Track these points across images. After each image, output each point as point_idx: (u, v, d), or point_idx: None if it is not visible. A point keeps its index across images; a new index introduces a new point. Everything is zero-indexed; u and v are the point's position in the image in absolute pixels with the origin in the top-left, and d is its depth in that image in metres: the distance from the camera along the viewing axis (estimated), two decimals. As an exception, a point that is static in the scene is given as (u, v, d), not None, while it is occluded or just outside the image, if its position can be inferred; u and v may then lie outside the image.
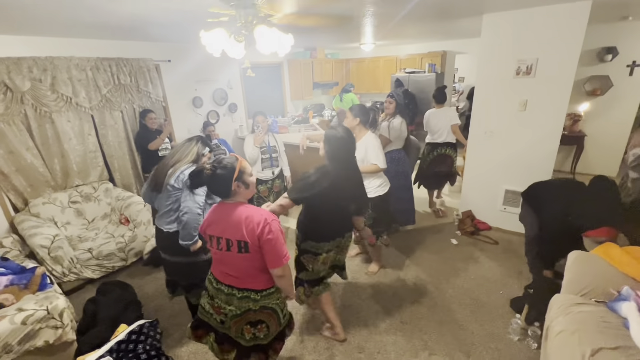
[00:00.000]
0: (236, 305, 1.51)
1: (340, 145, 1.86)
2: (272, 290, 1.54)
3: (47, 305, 1.85)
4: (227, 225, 1.42)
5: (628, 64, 4.36)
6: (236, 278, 1.50)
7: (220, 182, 1.41)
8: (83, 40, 3.34)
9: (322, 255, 1.95)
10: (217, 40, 1.62)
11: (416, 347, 2.12)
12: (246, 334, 1.58)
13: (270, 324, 1.58)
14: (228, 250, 1.44)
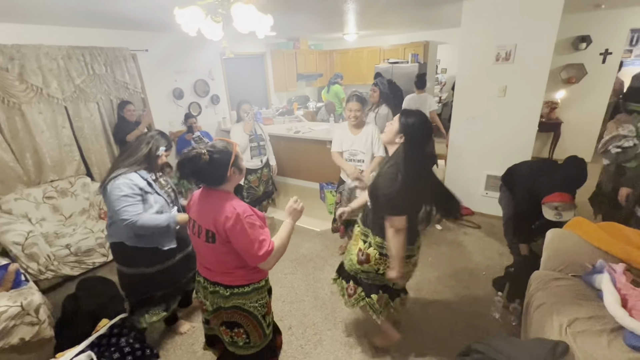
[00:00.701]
0: (210, 300, 1.45)
1: (420, 135, 1.51)
2: (248, 290, 1.39)
3: (22, 301, 1.78)
4: (203, 211, 1.35)
5: (601, 52, 4.51)
6: (208, 270, 1.43)
7: (217, 168, 1.29)
8: (53, 28, 3.18)
9: (414, 257, 1.70)
10: (193, 18, 1.57)
11: (404, 327, 2.15)
12: (224, 336, 1.49)
13: (249, 330, 1.45)
14: (198, 236, 1.37)
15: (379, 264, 1.66)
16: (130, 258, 1.81)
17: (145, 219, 1.64)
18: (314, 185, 4.48)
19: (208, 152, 1.27)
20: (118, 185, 1.62)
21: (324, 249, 3.13)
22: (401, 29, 5.66)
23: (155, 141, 1.77)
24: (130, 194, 1.63)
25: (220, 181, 1.33)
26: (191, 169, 1.27)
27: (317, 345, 2.07)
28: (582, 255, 1.91)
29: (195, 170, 1.27)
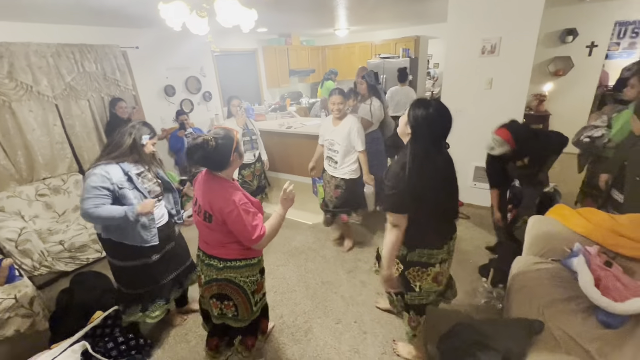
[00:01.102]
0: (205, 272, 1.57)
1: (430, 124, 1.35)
2: (240, 264, 1.52)
3: (15, 294, 1.81)
4: (204, 192, 1.47)
5: (587, 45, 4.59)
6: (206, 244, 1.56)
7: (222, 153, 1.41)
8: (42, 25, 3.19)
9: (434, 268, 1.52)
10: (177, 13, 1.60)
11: (391, 315, 2.21)
12: (214, 309, 1.60)
13: (238, 303, 1.56)
14: (198, 214, 1.52)
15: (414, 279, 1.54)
16: (107, 249, 1.82)
17: (99, 211, 1.58)
18: (307, 180, 4.52)
19: (214, 139, 1.38)
20: (92, 175, 1.61)
21: (315, 241, 3.18)
22: (392, 24, 5.69)
23: (137, 130, 1.75)
24: (99, 187, 1.59)
25: (225, 165, 1.45)
26: (201, 155, 1.37)
27: (307, 332, 2.13)
28: (561, 240, 1.98)
29: (204, 155, 1.37)
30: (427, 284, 1.53)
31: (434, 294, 1.59)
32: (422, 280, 1.52)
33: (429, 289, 1.55)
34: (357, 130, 2.54)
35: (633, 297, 1.46)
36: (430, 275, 1.52)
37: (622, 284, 1.53)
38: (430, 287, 1.54)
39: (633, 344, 1.37)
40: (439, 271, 1.53)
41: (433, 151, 1.40)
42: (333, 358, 1.93)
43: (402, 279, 1.56)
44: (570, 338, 1.45)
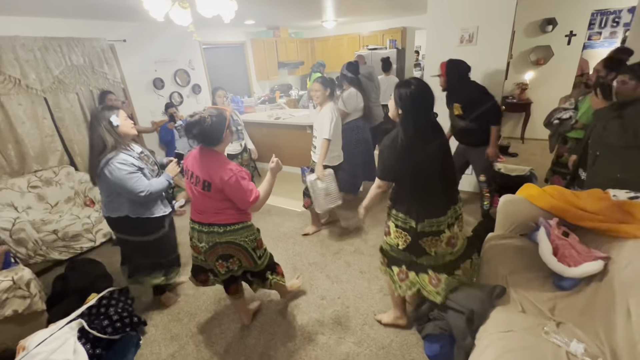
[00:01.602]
0: (205, 240, 1.73)
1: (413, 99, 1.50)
2: (238, 227, 1.73)
3: (13, 276, 1.90)
4: (201, 165, 1.64)
5: (566, 34, 4.73)
6: (201, 214, 1.72)
7: (216, 129, 1.58)
8: (28, 19, 3.21)
9: (445, 234, 1.59)
10: (159, 4, 1.67)
11: (372, 291, 2.35)
12: (220, 269, 1.80)
13: (240, 258, 1.80)
14: (196, 185, 1.67)
15: (398, 238, 1.65)
16: (133, 228, 1.98)
17: (154, 186, 1.88)
18: (296, 170, 4.62)
19: (209, 117, 1.55)
20: (117, 167, 1.74)
21: (303, 227, 3.30)
22: (379, 15, 5.76)
23: (102, 119, 1.76)
24: (132, 170, 1.80)
25: (218, 141, 1.64)
26: (198, 130, 1.55)
27: (294, 308, 2.26)
28: (528, 217, 2.12)
29: (200, 131, 1.55)
30: (441, 249, 1.62)
31: (449, 256, 1.66)
32: (436, 246, 1.61)
33: (443, 253, 1.64)
34: (329, 118, 2.60)
35: (584, 262, 1.60)
36: (443, 241, 1.61)
37: (577, 251, 1.68)
38: (444, 251, 1.63)
39: (581, 302, 1.52)
40: (450, 235, 1.61)
41: (421, 123, 1.53)
42: (317, 330, 2.06)
43: (416, 247, 1.63)
44: (527, 300, 1.60)
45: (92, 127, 1.79)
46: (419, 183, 1.57)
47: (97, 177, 1.83)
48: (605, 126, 2.01)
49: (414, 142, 1.51)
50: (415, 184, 1.57)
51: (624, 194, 1.76)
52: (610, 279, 1.51)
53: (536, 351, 1.30)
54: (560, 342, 1.32)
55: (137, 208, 1.92)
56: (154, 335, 2.13)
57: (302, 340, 2.00)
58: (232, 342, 2.03)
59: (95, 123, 1.77)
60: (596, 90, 2.08)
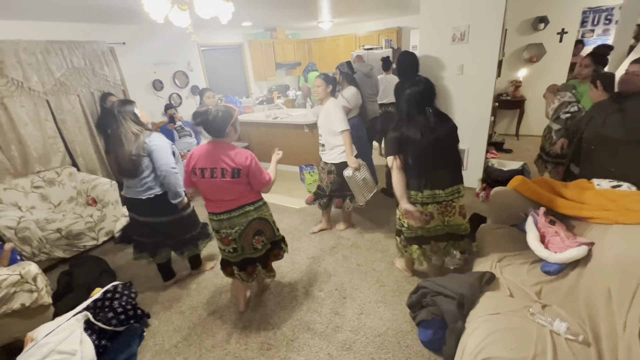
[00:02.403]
0: (238, 223, 1.91)
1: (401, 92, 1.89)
2: (261, 203, 1.99)
3: (20, 270, 1.96)
4: (219, 157, 1.79)
5: (558, 32, 4.81)
6: (231, 201, 1.88)
7: (219, 122, 1.76)
8: (30, 23, 3.29)
9: (416, 207, 1.88)
10: (159, 6, 1.75)
11: (369, 282, 2.42)
12: (258, 245, 2.00)
13: (266, 231, 2.04)
14: (223, 177, 1.80)
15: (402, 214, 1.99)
16: (168, 206, 2.23)
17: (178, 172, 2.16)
18: (294, 169, 4.70)
19: (216, 110, 1.76)
20: (159, 138, 2.12)
21: (302, 223, 3.37)
22: (374, 15, 5.84)
23: (127, 113, 2.05)
24: (168, 144, 2.15)
25: (221, 133, 1.80)
26: (201, 119, 1.75)
27: (292, 300, 2.32)
28: (518, 208, 2.19)
29: (203, 120, 1.75)
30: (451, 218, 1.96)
31: (420, 230, 1.99)
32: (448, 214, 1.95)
33: (412, 226, 1.97)
34: (334, 111, 2.60)
35: (569, 248, 1.67)
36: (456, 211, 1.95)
37: (562, 238, 1.75)
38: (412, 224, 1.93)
39: (566, 286, 1.59)
40: (421, 210, 1.91)
41: (414, 114, 1.86)
42: (315, 319, 2.13)
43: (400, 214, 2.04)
44: (515, 285, 1.67)
45: (119, 122, 2.02)
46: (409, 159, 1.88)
47: (136, 161, 2.06)
48: (606, 119, 2.01)
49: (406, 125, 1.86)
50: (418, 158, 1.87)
51: (607, 183, 1.83)
52: (593, 264, 1.58)
53: (522, 331, 1.37)
54: (544, 322, 1.39)
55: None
56: (157, 327, 2.20)
57: (300, 329, 2.07)
58: (232, 333, 2.09)
59: (121, 118, 2.03)
60: (596, 83, 2.13)
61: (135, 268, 2.86)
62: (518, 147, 5.06)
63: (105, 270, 2.61)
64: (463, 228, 2.01)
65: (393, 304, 2.20)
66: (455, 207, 1.95)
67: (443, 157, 1.89)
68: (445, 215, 1.95)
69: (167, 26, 4.40)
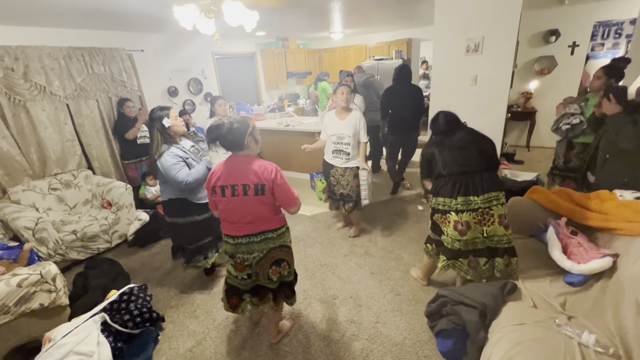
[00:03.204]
0: (258, 249, 1.69)
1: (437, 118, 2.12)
2: (284, 229, 1.78)
3: (41, 270, 1.98)
4: (242, 172, 1.60)
5: (569, 45, 4.84)
6: (251, 224, 1.66)
7: (235, 135, 1.59)
8: (55, 30, 3.39)
9: (451, 215, 1.79)
10: (189, 15, 1.80)
11: (384, 291, 2.40)
12: (273, 276, 1.77)
13: (289, 260, 1.82)
14: (245, 194, 1.60)
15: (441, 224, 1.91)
16: (180, 210, 2.29)
17: (192, 175, 2.13)
18: (305, 176, 4.71)
19: (229, 122, 1.60)
20: (165, 159, 2.10)
21: (313, 230, 3.36)
22: (385, 26, 5.94)
23: (157, 120, 2.12)
24: (175, 162, 2.10)
25: (240, 147, 1.63)
26: (216, 135, 1.60)
27: (307, 307, 2.31)
28: (536, 218, 2.18)
29: (219, 135, 1.59)
30: (449, 229, 1.83)
31: (458, 243, 1.81)
32: (444, 225, 1.87)
33: (453, 236, 1.82)
34: (364, 124, 2.79)
35: (593, 259, 1.65)
36: (450, 223, 1.81)
37: (585, 249, 1.73)
38: (453, 234, 1.81)
39: (591, 298, 1.56)
40: (457, 219, 1.78)
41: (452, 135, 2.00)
42: (331, 327, 2.11)
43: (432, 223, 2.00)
44: (538, 295, 1.64)
45: (151, 126, 2.15)
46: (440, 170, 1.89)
47: (155, 166, 2.16)
48: (619, 131, 2.04)
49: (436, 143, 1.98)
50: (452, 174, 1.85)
51: (630, 194, 1.82)
52: (619, 275, 1.56)
53: (549, 342, 1.34)
54: (571, 333, 1.36)
55: (185, 193, 2.24)
56: (171, 331, 2.19)
57: (315, 337, 2.05)
58: (247, 339, 2.08)
59: (152, 123, 2.13)
60: (609, 96, 2.15)
61: (148, 271, 2.87)
62: (529, 159, 5.04)
63: (120, 272, 2.62)
64: (505, 240, 1.78)
65: (409, 313, 2.17)
66: (494, 216, 1.76)
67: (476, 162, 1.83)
68: (483, 224, 1.77)
69: (184, 35, 4.51)
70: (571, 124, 2.56)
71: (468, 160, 1.84)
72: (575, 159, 2.92)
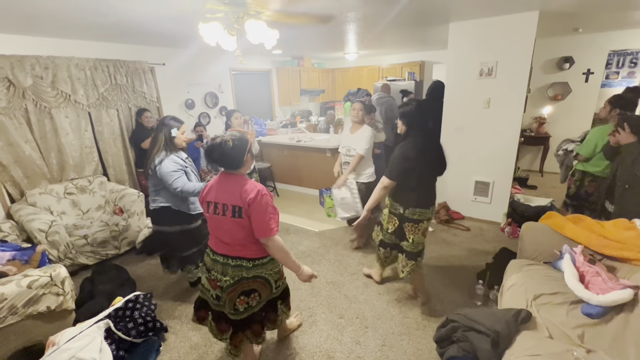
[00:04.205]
0: (230, 274, 1.59)
1: (414, 117, 2.03)
2: (265, 261, 1.63)
3: (51, 272, 2.00)
4: (226, 191, 1.54)
5: (584, 72, 4.84)
6: (228, 245, 1.58)
7: (237, 153, 1.51)
8: (83, 42, 3.57)
9: (423, 224, 2.09)
10: (213, 32, 1.89)
11: (391, 312, 2.33)
12: (239, 306, 1.63)
13: (262, 292, 1.67)
14: (224, 214, 1.54)
15: (389, 223, 2.21)
16: (171, 219, 2.32)
17: (188, 186, 2.18)
18: (314, 192, 4.72)
19: (231, 140, 1.49)
20: (165, 165, 2.14)
21: (320, 247, 3.33)
22: (398, 49, 6.06)
23: (166, 126, 2.19)
24: (176, 169, 2.16)
25: (240, 165, 1.55)
26: (219, 153, 1.50)
27: (311, 325, 2.25)
28: (552, 244, 2.12)
29: (222, 154, 1.49)
30: (417, 237, 2.11)
31: (422, 245, 2.15)
32: (414, 233, 2.10)
33: (418, 241, 2.12)
34: (367, 137, 2.82)
35: (612, 290, 1.59)
36: (420, 230, 2.10)
37: (604, 279, 1.66)
38: (419, 240, 2.11)
39: (612, 331, 1.49)
40: (426, 225, 2.09)
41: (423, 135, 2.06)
42: (335, 348, 2.05)
43: (399, 230, 2.18)
44: (554, 325, 1.57)
45: (158, 129, 2.18)
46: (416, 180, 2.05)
47: (151, 170, 2.19)
48: (635, 160, 2.03)
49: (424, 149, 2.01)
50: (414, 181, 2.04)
51: (651, 224, 1.76)
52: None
53: (566, 376, 1.28)
54: (591, 368, 1.29)
55: (177, 202, 2.28)
56: (173, 343, 2.16)
57: (320, 356, 1.99)
58: (250, 355, 2.03)
59: (160, 126, 2.20)
60: (623, 125, 2.14)
61: (153, 280, 2.87)
62: (543, 184, 4.95)
63: (126, 279, 2.63)
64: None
65: (417, 337, 2.10)
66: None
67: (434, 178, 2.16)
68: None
69: (204, 51, 4.69)
70: (566, 150, 2.56)
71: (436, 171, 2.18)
72: (574, 187, 2.95)
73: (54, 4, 2.18)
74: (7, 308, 1.84)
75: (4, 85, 2.96)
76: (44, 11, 2.36)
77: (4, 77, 2.94)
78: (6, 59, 2.93)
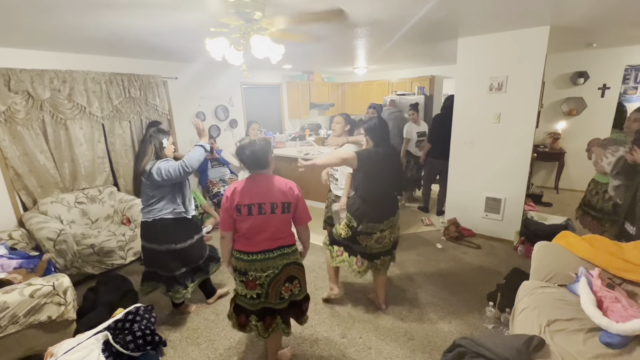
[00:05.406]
0: (273, 265, 1.70)
1: (377, 131, 2.21)
2: (295, 247, 1.81)
3: (54, 281, 2.01)
4: (269, 190, 1.67)
5: (599, 87, 4.73)
6: (268, 240, 1.69)
7: (264, 152, 1.68)
8: (99, 57, 3.70)
9: (376, 234, 2.23)
10: (219, 47, 1.92)
11: (397, 333, 2.24)
12: (285, 294, 1.76)
13: (301, 279, 1.83)
14: (272, 212, 1.66)
15: (343, 230, 2.34)
16: (160, 235, 2.22)
17: (188, 157, 2.11)
18: (321, 205, 4.67)
19: (257, 140, 1.69)
20: (160, 165, 2.11)
21: (325, 262, 3.25)
22: (408, 64, 6.08)
23: (155, 138, 2.19)
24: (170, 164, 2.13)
25: (267, 164, 1.71)
26: (250, 150, 1.65)
27: (312, 344, 2.18)
28: (566, 266, 2.01)
29: (252, 151, 1.65)
30: (370, 243, 2.26)
31: (376, 249, 2.29)
32: (368, 241, 2.26)
33: (371, 246, 2.28)
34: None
35: (634, 318, 1.48)
36: (373, 239, 2.25)
37: (624, 306, 1.56)
38: (372, 245, 2.27)
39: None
40: (379, 236, 2.25)
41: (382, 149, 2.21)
42: (337, 369, 1.97)
43: (353, 238, 2.29)
44: (570, 355, 1.47)
45: (146, 140, 2.20)
46: (371, 194, 2.21)
47: (144, 177, 2.15)
48: None
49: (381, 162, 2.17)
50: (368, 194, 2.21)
51: (675, 247, 1.65)
52: (666, 340, 1.37)
53: (583, 413, 1.17)
54: (610, 405, 1.18)
55: (175, 207, 2.23)
56: (172, 358, 2.12)
57: (320, 379, 1.91)
58: (248, 373, 1.97)
59: (148, 138, 2.21)
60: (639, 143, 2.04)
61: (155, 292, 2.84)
62: (558, 201, 4.78)
63: (129, 290, 2.62)
64: None
65: (424, 362, 2.00)
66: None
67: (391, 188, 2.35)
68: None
69: (215, 65, 4.81)
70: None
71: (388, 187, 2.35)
72: (589, 195, 2.93)
73: (72, 23, 2.28)
74: (8, 317, 1.84)
75: (24, 97, 3.08)
76: (63, 30, 2.47)
77: (24, 90, 3.07)
78: (27, 73, 3.06)
